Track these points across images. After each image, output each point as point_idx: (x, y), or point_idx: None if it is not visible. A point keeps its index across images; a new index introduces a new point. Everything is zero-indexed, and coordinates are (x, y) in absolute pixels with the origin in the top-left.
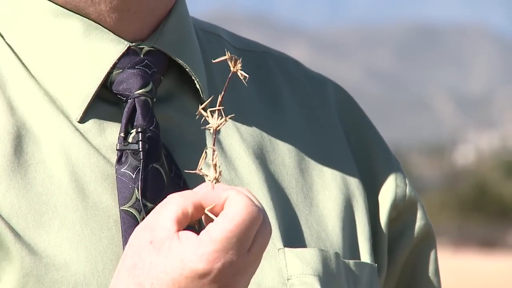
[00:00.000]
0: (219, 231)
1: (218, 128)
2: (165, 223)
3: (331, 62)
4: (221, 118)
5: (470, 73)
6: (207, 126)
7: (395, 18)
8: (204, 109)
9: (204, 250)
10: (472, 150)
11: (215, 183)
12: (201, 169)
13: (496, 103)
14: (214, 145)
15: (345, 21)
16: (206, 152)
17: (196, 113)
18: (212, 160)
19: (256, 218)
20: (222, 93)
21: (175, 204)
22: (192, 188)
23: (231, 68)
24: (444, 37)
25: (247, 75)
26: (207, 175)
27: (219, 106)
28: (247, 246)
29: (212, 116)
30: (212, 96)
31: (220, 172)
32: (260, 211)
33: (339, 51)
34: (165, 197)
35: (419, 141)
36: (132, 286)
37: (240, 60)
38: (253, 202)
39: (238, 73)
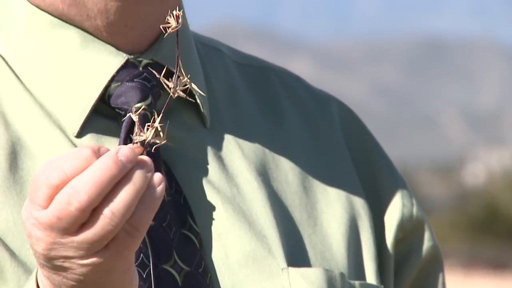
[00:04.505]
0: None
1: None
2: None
3: (336, 77)
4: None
5: (479, 89)
6: None
7: (402, 32)
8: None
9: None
10: (482, 169)
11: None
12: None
13: (507, 120)
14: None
15: (349, 35)
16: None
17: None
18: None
19: (38, 186)
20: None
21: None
22: (193, 207)
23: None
24: (453, 51)
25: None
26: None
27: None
28: (38, 202)
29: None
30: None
31: (152, 134)
32: (46, 185)
33: (343, 66)
34: (165, 213)
35: (427, 159)
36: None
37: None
38: (60, 170)
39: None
